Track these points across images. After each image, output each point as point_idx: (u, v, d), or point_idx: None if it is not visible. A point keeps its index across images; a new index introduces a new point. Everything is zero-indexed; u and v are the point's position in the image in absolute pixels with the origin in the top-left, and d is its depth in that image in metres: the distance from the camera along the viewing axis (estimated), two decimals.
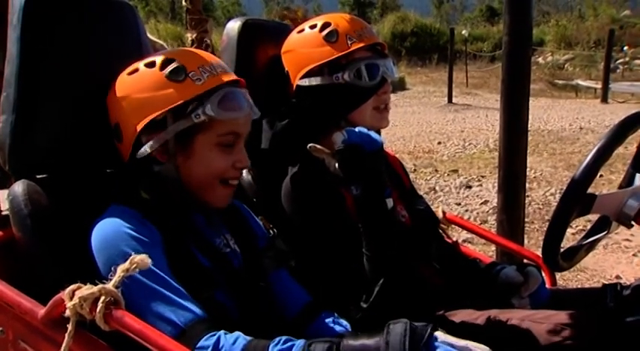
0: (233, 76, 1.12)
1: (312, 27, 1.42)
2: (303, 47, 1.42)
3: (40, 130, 1.12)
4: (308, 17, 1.67)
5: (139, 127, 1.07)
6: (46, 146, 1.13)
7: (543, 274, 1.43)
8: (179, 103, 1.05)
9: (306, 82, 1.40)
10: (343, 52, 1.37)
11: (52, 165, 1.15)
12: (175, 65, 1.07)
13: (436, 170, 5.71)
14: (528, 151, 2.86)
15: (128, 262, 0.90)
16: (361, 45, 1.38)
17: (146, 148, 1.07)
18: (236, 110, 1.09)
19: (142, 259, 0.91)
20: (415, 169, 5.64)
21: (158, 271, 0.98)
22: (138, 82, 1.09)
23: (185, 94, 1.06)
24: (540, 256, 1.28)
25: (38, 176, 1.14)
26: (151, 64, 1.09)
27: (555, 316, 1.21)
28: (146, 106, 1.07)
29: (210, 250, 1.11)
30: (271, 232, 1.27)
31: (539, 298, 1.37)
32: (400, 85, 14.25)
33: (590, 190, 1.10)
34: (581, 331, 1.17)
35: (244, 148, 1.15)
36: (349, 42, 1.38)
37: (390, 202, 1.26)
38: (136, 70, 1.10)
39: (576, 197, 1.09)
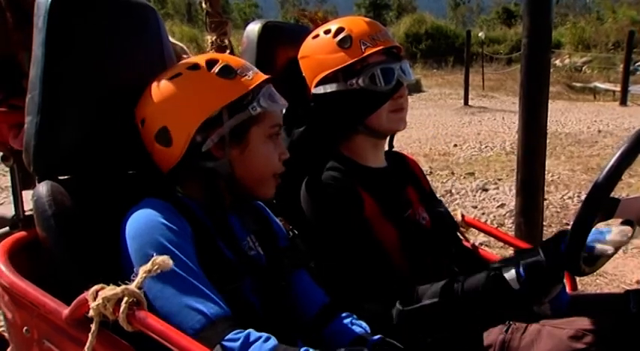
0: (265, 75, 1.17)
1: (327, 32, 1.42)
2: (318, 53, 1.42)
3: (65, 132, 1.13)
4: (328, 18, 1.67)
5: (196, 126, 1.08)
6: (70, 148, 1.14)
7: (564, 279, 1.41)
8: (235, 98, 1.09)
9: (321, 89, 1.40)
10: (357, 58, 1.37)
11: (76, 166, 1.17)
12: (223, 64, 1.11)
13: (452, 173, 5.68)
14: (546, 154, 2.84)
15: (150, 263, 0.91)
16: (375, 50, 1.37)
17: (209, 143, 1.09)
18: (281, 101, 1.16)
19: (163, 260, 0.91)
20: (431, 172, 5.62)
21: (189, 262, 1.00)
22: (186, 83, 1.11)
23: (239, 89, 1.10)
24: None
25: (61, 177, 1.15)
26: (195, 67, 1.12)
27: (577, 322, 1.20)
28: (201, 105, 1.08)
29: (237, 249, 1.13)
30: (291, 233, 1.28)
31: (559, 303, 1.35)
32: (416, 88, 14.21)
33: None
34: (604, 337, 1.15)
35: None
36: (363, 47, 1.37)
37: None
38: (179, 73, 1.12)
39: (600, 201, 1.08)
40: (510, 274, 1.14)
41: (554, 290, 1.22)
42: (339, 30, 1.40)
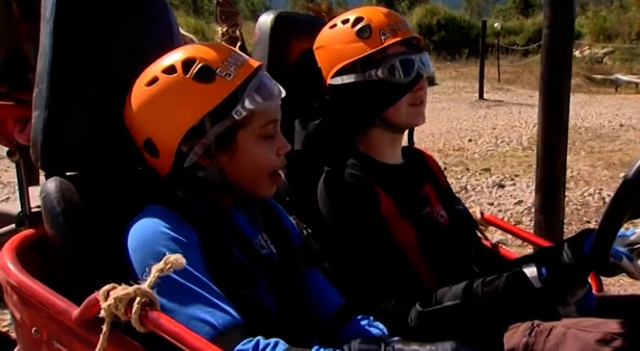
0: (255, 62, 1.10)
1: (345, 22, 1.42)
2: (335, 43, 1.41)
3: (73, 126, 1.13)
4: (334, 10, 1.66)
5: (179, 139, 1.05)
6: (78, 143, 1.14)
7: (589, 279, 1.39)
8: (215, 105, 1.03)
9: (338, 80, 1.40)
10: (376, 48, 1.36)
11: (84, 162, 1.17)
12: (200, 65, 1.04)
13: (467, 169, 5.65)
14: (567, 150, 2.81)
15: (162, 261, 0.91)
16: (395, 40, 1.37)
17: (192, 157, 1.06)
18: (272, 97, 1.08)
19: (176, 258, 0.91)
20: (445, 168, 5.59)
21: (195, 271, 0.98)
22: (163, 91, 1.05)
23: (219, 94, 1.03)
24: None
25: (69, 173, 1.15)
26: (171, 70, 1.06)
27: (604, 325, 1.18)
28: (181, 116, 1.04)
29: (249, 249, 1.12)
30: (304, 231, 1.27)
31: (586, 304, 1.33)
32: (429, 81, 14.07)
33: None
34: (635, 340, 1.13)
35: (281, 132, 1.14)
36: (382, 37, 1.37)
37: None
38: (155, 79, 1.06)
39: (629, 199, 1.07)
40: (532, 272, 1.14)
41: (580, 291, 1.21)
42: (358, 19, 1.39)
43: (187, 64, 1.05)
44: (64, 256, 1.07)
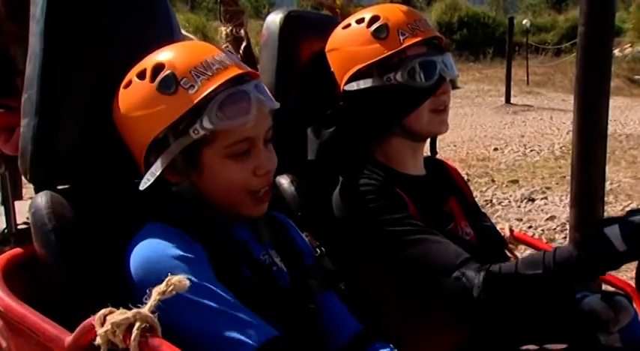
0: (236, 70, 1.08)
1: (359, 21, 1.43)
2: (350, 45, 1.42)
3: (66, 135, 1.15)
4: (350, 7, 1.67)
5: (143, 150, 1.08)
6: (71, 153, 1.16)
7: (635, 306, 1.39)
8: (174, 119, 1.05)
9: (354, 85, 1.41)
10: (395, 50, 1.37)
11: (78, 174, 1.18)
12: (165, 73, 1.06)
13: (493, 180, 5.65)
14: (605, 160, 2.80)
15: (164, 283, 0.91)
16: (415, 40, 1.38)
17: (153, 171, 1.07)
18: (240, 115, 1.05)
19: (179, 280, 0.92)
20: (468, 180, 5.57)
21: (214, 287, 1.00)
22: (131, 98, 1.10)
23: (178, 107, 1.04)
24: (631, 283, 1.25)
25: (61, 187, 1.17)
26: (142, 75, 1.09)
27: None
28: (145, 125, 1.07)
29: (256, 266, 1.13)
30: (318, 250, 1.28)
31: (631, 334, 1.33)
32: (450, 84, 14.14)
33: None
34: None
35: (268, 148, 1.13)
36: (401, 37, 1.37)
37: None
38: (130, 82, 1.11)
39: None
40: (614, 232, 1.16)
41: (624, 318, 1.20)
42: (374, 18, 1.40)
43: (156, 70, 1.08)
44: (55, 277, 1.08)
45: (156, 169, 1.07)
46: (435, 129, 1.44)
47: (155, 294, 0.92)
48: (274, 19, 1.53)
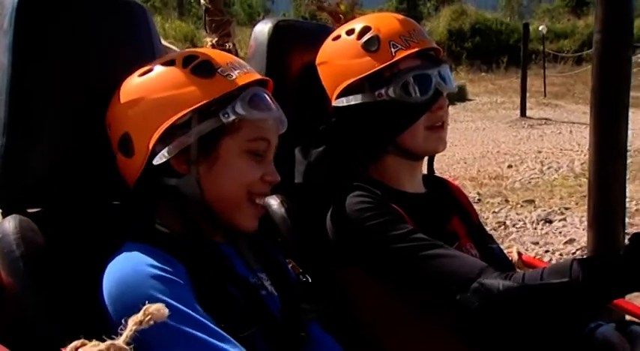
0: (265, 77, 1.20)
1: (349, 33, 1.45)
2: (339, 58, 1.45)
3: (37, 155, 1.16)
4: (355, 12, 1.69)
5: (158, 133, 1.10)
6: (43, 174, 1.17)
7: None
8: (207, 101, 1.10)
9: (343, 101, 1.43)
10: (386, 63, 1.39)
11: (50, 196, 1.19)
12: (200, 60, 1.14)
13: (506, 200, 5.65)
14: (627, 178, 2.81)
15: (141, 312, 0.92)
16: (408, 52, 1.39)
17: (164, 153, 1.10)
18: (268, 110, 1.15)
19: (157, 308, 0.92)
20: (480, 199, 5.60)
21: (193, 313, 1.00)
22: (155, 80, 1.14)
23: (215, 90, 1.11)
24: None
25: (31, 210, 1.18)
26: (170, 62, 1.15)
27: None
28: (167, 107, 1.11)
29: (245, 287, 1.14)
30: (303, 278, 1.30)
31: None
32: (460, 96, 14.21)
33: None
34: None
35: (273, 163, 1.19)
36: (393, 50, 1.39)
37: None
38: (150, 69, 1.16)
39: None
40: None
41: None
42: (365, 30, 1.43)
43: (188, 58, 1.15)
44: (23, 308, 1.08)
45: (172, 149, 1.10)
46: (432, 147, 1.46)
47: (131, 324, 0.92)
48: (262, 29, 1.56)
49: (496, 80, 17.91)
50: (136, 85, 1.15)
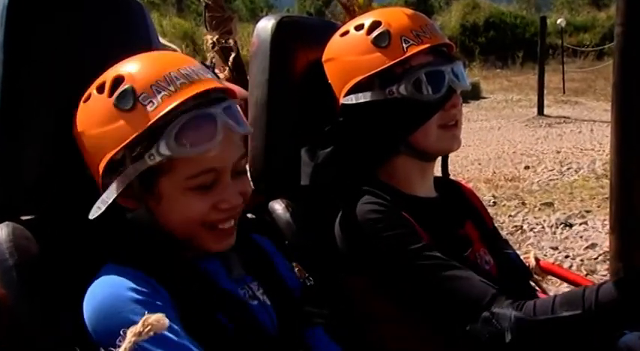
0: (203, 86, 1.08)
1: (358, 28, 1.45)
2: (348, 54, 1.45)
3: (31, 159, 1.17)
4: (371, 6, 1.69)
5: (100, 169, 1.10)
6: (37, 180, 1.18)
7: None
8: (130, 139, 1.05)
9: (352, 99, 1.43)
10: (397, 59, 1.39)
11: (44, 202, 1.20)
12: (124, 87, 1.07)
13: (523, 203, 5.64)
14: None
15: (140, 323, 0.92)
16: (420, 48, 1.40)
17: (104, 198, 1.08)
18: (204, 141, 1.05)
19: (157, 319, 0.93)
20: (495, 202, 5.59)
21: (178, 339, 1.00)
22: (89, 113, 1.12)
23: (135, 126, 1.05)
24: None
25: (25, 217, 1.19)
26: (101, 88, 1.11)
27: None
28: (100, 145, 1.09)
29: (233, 306, 1.14)
30: (307, 281, 1.31)
31: None
32: (474, 94, 14.21)
33: None
34: None
35: (239, 180, 1.14)
36: (405, 45, 1.40)
37: None
38: (89, 96, 1.13)
39: None
40: None
41: None
42: (375, 24, 1.43)
43: (115, 83, 1.09)
44: (17, 320, 1.09)
45: (109, 196, 1.08)
46: (446, 146, 1.46)
47: (130, 335, 0.93)
48: (265, 25, 1.56)
49: (512, 77, 17.87)
50: (80, 115, 1.13)
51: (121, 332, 0.95)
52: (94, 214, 1.09)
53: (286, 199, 1.51)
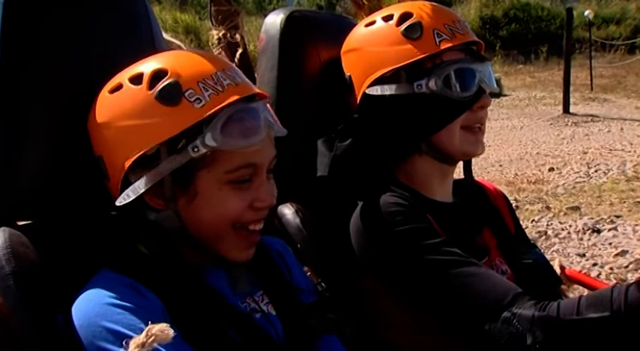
0: (246, 89, 1.13)
1: (387, 18, 1.46)
2: (375, 45, 1.46)
3: (29, 161, 1.18)
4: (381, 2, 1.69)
5: (127, 164, 1.10)
6: (35, 183, 1.19)
7: None
8: (172, 135, 1.08)
9: (377, 90, 1.44)
10: (429, 53, 1.40)
11: (42, 207, 1.21)
12: (168, 81, 1.09)
13: (548, 207, 5.63)
14: None
15: (144, 333, 0.94)
16: (454, 43, 1.41)
17: (129, 193, 1.10)
18: (248, 135, 1.10)
19: (161, 329, 0.94)
20: (518, 206, 5.57)
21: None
22: (121, 104, 1.12)
23: (180, 122, 1.08)
24: None
25: (22, 223, 1.20)
26: (137, 80, 1.12)
27: None
28: (134, 138, 1.10)
29: (238, 319, 1.15)
30: (319, 287, 1.32)
31: None
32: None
33: None
34: None
35: (269, 181, 1.18)
36: (437, 39, 1.41)
37: None
38: (119, 86, 1.14)
39: None
40: None
41: None
42: (405, 16, 1.44)
43: (156, 76, 1.11)
44: (14, 330, 1.09)
45: (139, 187, 1.09)
46: (470, 150, 1.47)
47: (133, 346, 0.94)
48: (274, 20, 1.57)
49: (535, 73, 17.81)
50: (105, 105, 1.14)
51: (124, 343, 0.96)
52: (121, 201, 1.11)
53: (296, 203, 1.52)
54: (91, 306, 1.05)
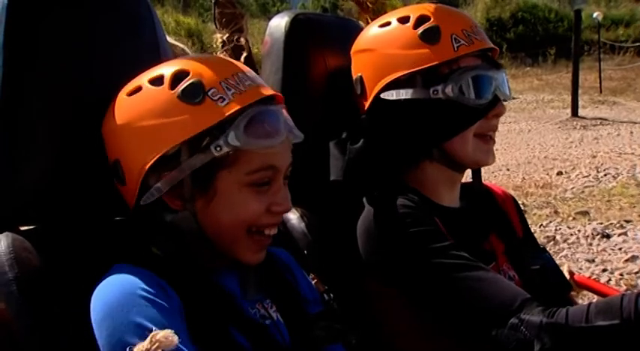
0: (267, 90, 1.16)
1: (403, 20, 1.45)
2: (389, 47, 1.45)
3: (31, 166, 1.18)
4: (387, 5, 1.69)
5: (148, 165, 1.11)
6: (38, 188, 1.19)
7: None
8: (195, 133, 1.09)
9: (392, 94, 1.43)
10: (447, 59, 1.40)
11: (46, 212, 1.22)
12: (190, 81, 1.11)
13: (556, 212, 5.63)
14: None
15: (148, 340, 0.94)
16: (472, 49, 1.41)
17: (153, 192, 1.11)
18: (271, 136, 1.11)
19: (165, 336, 0.94)
20: (525, 211, 5.55)
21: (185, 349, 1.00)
22: (141, 105, 1.13)
23: (204, 120, 1.09)
24: None
25: (25, 228, 1.21)
26: (158, 81, 1.13)
27: None
28: (155, 138, 1.11)
29: (248, 324, 1.15)
30: (326, 296, 1.32)
31: None
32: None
33: None
34: None
35: (285, 187, 1.19)
36: (455, 45, 1.40)
37: None
38: (139, 88, 1.15)
39: None
40: None
41: None
42: (423, 19, 1.43)
43: (178, 77, 1.12)
44: (16, 336, 1.10)
45: (162, 186, 1.10)
46: (481, 159, 1.47)
47: None
48: (279, 23, 1.57)
49: (543, 75, 17.83)
50: (124, 107, 1.15)
51: (127, 349, 0.96)
52: (146, 200, 1.12)
53: (300, 207, 1.52)
54: (115, 295, 1.05)
